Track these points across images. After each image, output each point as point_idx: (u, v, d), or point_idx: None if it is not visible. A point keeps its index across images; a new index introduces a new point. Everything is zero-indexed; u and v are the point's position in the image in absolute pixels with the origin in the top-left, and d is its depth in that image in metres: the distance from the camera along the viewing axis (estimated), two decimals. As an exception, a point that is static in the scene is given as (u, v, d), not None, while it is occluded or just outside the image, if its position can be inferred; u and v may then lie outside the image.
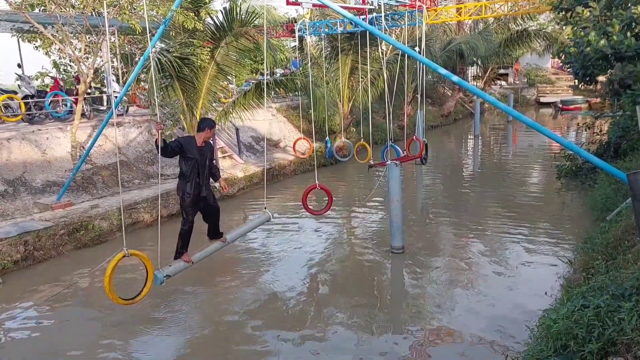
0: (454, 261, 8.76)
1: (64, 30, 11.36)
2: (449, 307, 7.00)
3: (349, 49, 17.50)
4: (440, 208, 12.60)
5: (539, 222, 10.59)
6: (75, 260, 9.48)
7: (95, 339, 6.58)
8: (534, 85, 39.01)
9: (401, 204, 8.82)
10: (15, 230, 9.25)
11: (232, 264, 9.15)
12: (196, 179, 6.64)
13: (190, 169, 6.60)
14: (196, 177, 6.63)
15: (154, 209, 11.34)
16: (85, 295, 8.02)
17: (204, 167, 6.73)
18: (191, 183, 6.61)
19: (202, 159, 6.67)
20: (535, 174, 16.34)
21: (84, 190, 11.77)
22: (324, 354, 6.03)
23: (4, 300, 7.82)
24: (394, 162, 9.03)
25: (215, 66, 12.65)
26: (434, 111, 28.82)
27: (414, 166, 16.51)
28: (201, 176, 6.70)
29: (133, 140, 14.23)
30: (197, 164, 6.60)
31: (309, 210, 9.25)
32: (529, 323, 5.17)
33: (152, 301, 7.26)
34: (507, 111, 8.76)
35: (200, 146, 6.63)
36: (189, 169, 6.60)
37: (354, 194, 14.40)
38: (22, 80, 14.26)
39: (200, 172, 6.67)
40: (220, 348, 6.34)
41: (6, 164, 11.19)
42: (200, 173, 6.67)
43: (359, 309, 7.10)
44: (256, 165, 15.61)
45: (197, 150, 6.57)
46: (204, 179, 6.76)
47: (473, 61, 28.51)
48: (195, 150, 6.56)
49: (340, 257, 9.42)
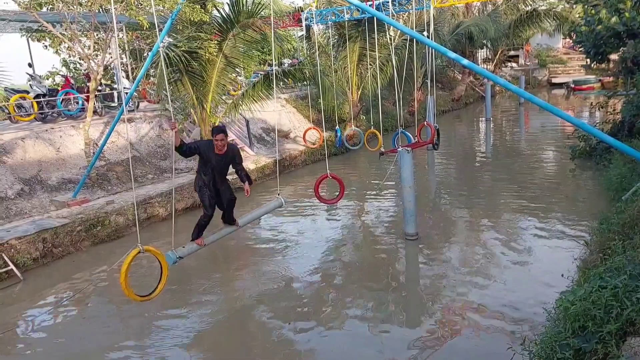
0: (469, 246, 8.75)
1: (73, 29, 11.43)
2: (464, 291, 7.00)
3: (356, 36, 17.35)
4: (453, 193, 12.56)
5: (554, 204, 10.51)
6: (93, 255, 9.64)
7: (115, 332, 6.70)
8: (545, 66, 38.43)
9: (414, 191, 8.81)
10: (33, 228, 9.41)
11: (247, 254, 9.24)
12: (211, 179, 6.63)
13: (206, 170, 6.60)
14: (211, 178, 6.62)
15: (169, 203, 11.45)
16: (104, 291, 8.15)
17: (221, 173, 6.69)
18: (207, 178, 6.61)
19: (220, 165, 6.61)
20: (548, 156, 16.18)
21: (98, 186, 11.91)
22: (339, 338, 6.08)
23: (26, 298, 7.99)
24: (405, 148, 9.00)
25: (224, 59, 12.65)
26: (444, 96, 28.57)
27: (425, 152, 16.44)
28: (217, 178, 6.67)
29: (145, 136, 14.33)
30: (212, 170, 6.56)
31: (322, 199, 9.25)
32: (546, 305, 5.15)
33: (169, 289, 7.37)
34: (519, 93, 8.67)
35: (219, 153, 6.49)
36: (206, 171, 6.61)
37: (366, 182, 14.40)
38: (33, 79, 14.41)
39: (217, 176, 6.64)
40: (235, 336, 6.43)
41: (21, 163, 11.36)
42: (217, 177, 6.65)
43: (374, 294, 7.14)
44: (267, 157, 15.65)
45: (214, 156, 6.49)
46: (220, 181, 6.73)
47: (482, 44, 28.16)
48: (212, 155, 6.48)
49: (353, 244, 9.46)
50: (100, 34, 13.24)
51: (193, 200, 11.77)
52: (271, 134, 17.70)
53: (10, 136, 11.75)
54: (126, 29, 15.05)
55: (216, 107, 13.50)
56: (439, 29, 21.17)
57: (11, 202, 10.48)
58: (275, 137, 16.10)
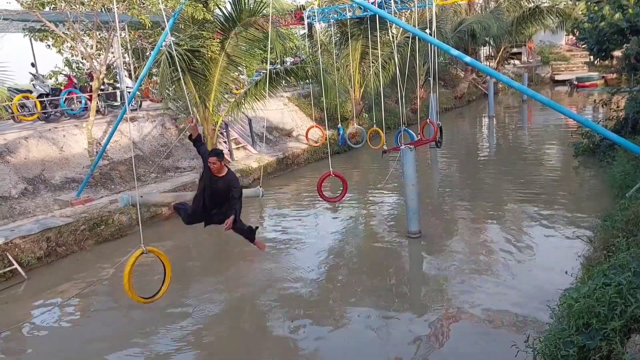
0: (472, 244, 8.74)
1: (75, 28, 11.45)
2: (467, 289, 7.00)
3: (358, 34, 17.34)
4: (456, 191, 12.54)
5: (557, 202, 10.49)
6: (96, 254, 9.66)
7: (119, 331, 6.73)
8: (548, 63, 38.28)
9: (417, 189, 8.80)
10: (37, 227, 9.44)
11: (250, 252, 9.24)
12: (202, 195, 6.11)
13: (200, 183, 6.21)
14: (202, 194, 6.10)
15: (172, 202, 11.46)
16: (107, 290, 8.18)
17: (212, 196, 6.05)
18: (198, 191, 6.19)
19: (212, 186, 6.00)
20: (552, 153, 16.14)
21: (102, 185, 11.94)
22: (342, 336, 6.09)
23: (30, 297, 8.02)
24: (408, 146, 8.99)
25: (226, 57, 12.65)
26: (447, 93, 28.52)
27: (428, 150, 16.41)
28: (207, 199, 6.08)
29: (148, 135, 14.35)
30: (204, 187, 6.07)
31: (325, 197, 9.24)
32: (550, 303, 5.15)
33: (173, 288, 7.38)
34: (522, 90, 8.65)
35: (215, 175, 5.95)
36: (200, 184, 6.21)
37: (369, 180, 14.39)
38: (36, 79, 14.44)
39: (207, 197, 6.07)
40: (239, 335, 6.44)
41: (25, 162, 11.39)
42: (207, 197, 6.07)
43: (377, 292, 7.15)
44: (270, 155, 15.66)
45: (209, 174, 5.97)
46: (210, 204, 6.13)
47: (485, 41, 28.07)
48: (209, 173, 5.97)
49: (357, 242, 9.47)
50: (102, 33, 13.25)
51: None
52: (274, 133, 17.70)
53: (13, 136, 11.78)
54: (128, 28, 15.05)
55: (219, 106, 13.50)
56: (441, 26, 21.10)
57: (15, 201, 10.51)
58: (275, 136, 16.07)
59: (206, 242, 9.88)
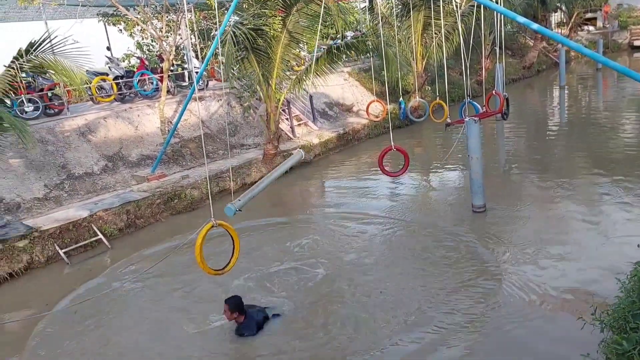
0: (539, 218, 8.54)
1: (146, 11, 11.99)
2: (535, 264, 6.90)
3: (420, 4, 16.95)
4: (523, 165, 12.18)
5: (633, 176, 9.95)
6: (171, 226, 10.30)
7: (187, 295, 7.21)
8: (626, 28, 35.56)
9: (481, 162, 8.66)
10: (118, 201, 10.20)
11: (306, 228, 9.50)
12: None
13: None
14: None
15: (239, 177, 11.97)
16: (183, 261, 8.68)
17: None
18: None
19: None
20: (628, 125, 15.19)
21: (174, 162, 12.62)
22: (405, 309, 6.22)
23: (113, 264, 8.71)
24: (473, 118, 8.81)
25: (287, 34, 12.79)
26: (514, 63, 27.30)
27: (494, 123, 15.94)
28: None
29: (214, 113, 14.90)
30: None
31: (386, 172, 9.13)
32: (619, 276, 5.01)
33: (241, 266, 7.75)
34: (594, 58, 8.23)
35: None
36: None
37: (431, 154, 14.23)
38: (111, 62, 15.30)
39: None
40: (321, 302, 6.71)
41: (105, 141, 12.22)
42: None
43: (439, 268, 7.18)
44: (330, 131, 15.81)
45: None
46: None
47: (556, 7, 26.51)
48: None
49: (419, 217, 9.47)
50: (170, 15, 13.78)
51: (257, 177, 12.20)
52: (334, 108, 17.80)
53: (93, 116, 12.65)
54: (194, 9, 15.53)
55: (281, 83, 13.74)
56: (508, -8, 20.16)
57: (97, 177, 11.36)
58: (337, 111, 16.13)
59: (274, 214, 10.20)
